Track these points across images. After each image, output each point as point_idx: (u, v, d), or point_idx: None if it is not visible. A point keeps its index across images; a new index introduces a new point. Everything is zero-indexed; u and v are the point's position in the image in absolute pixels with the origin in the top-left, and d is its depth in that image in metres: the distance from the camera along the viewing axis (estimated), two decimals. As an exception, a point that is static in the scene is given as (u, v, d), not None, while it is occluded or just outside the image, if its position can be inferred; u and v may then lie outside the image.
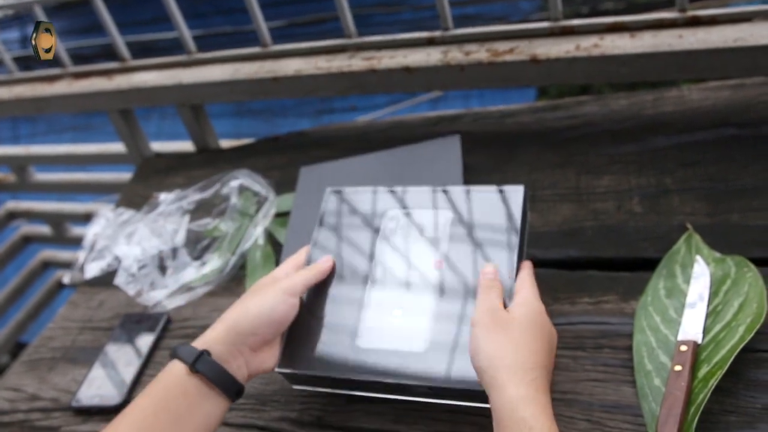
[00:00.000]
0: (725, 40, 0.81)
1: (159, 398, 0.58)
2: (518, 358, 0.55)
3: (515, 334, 0.57)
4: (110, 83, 1.21)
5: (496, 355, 0.55)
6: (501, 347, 0.56)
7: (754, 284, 0.66)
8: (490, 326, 0.58)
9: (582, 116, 0.98)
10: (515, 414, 0.51)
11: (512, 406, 0.52)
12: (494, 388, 0.54)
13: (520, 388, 0.52)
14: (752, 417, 0.59)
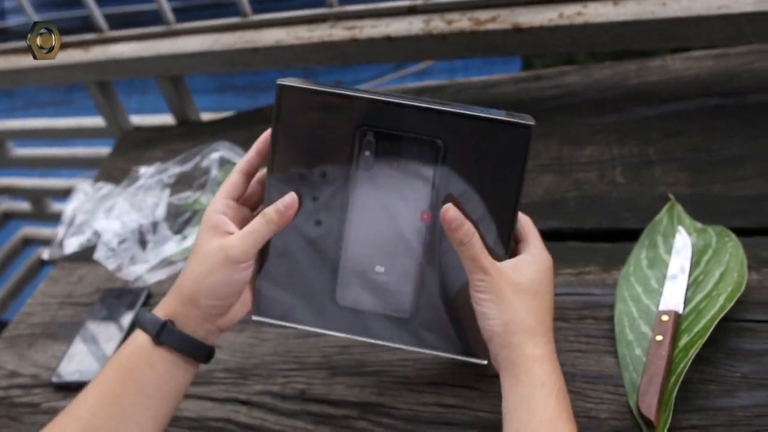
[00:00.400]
0: (709, 7, 0.80)
1: (124, 370, 0.57)
2: (532, 323, 0.54)
3: (527, 300, 0.55)
4: (87, 55, 1.19)
5: (511, 320, 0.54)
6: (515, 313, 0.54)
7: (734, 254, 0.66)
8: (498, 292, 0.54)
9: (565, 86, 0.97)
10: (530, 372, 0.53)
11: (527, 364, 0.53)
12: (509, 349, 0.54)
13: (536, 349, 0.53)
14: (732, 386, 0.59)
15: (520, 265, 0.57)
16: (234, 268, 0.57)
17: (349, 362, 0.72)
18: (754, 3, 0.78)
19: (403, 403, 0.66)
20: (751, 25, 0.79)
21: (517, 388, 0.53)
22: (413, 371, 0.69)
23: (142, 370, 0.57)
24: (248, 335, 0.79)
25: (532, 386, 0.52)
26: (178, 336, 0.58)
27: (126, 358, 0.57)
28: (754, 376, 0.59)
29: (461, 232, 0.55)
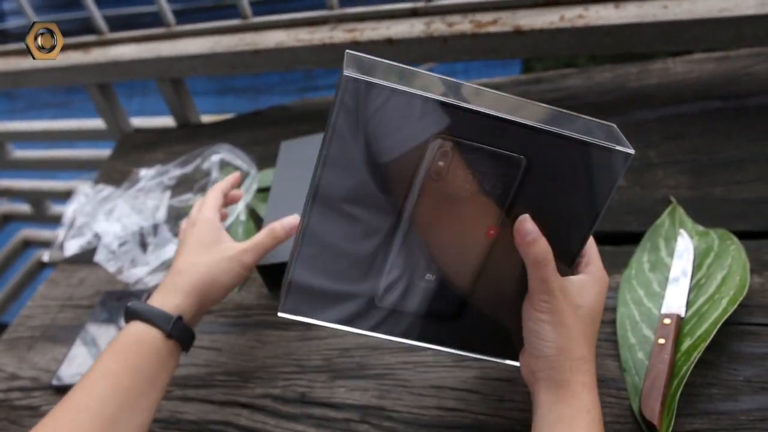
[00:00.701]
0: (710, 10, 0.80)
1: (130, 362, 0.59)
2: (583, 351, 0.52)
3: (586, 324, 0.53)
4: (87, 57, 1.19)
5: (566, 346, 0.52)
6: (569, 339, 0.52)
7: (737, 257, 0.65)
8: (558, 314, 0.52)
9: (565, 89, 0.97)
10: (577, 398, 0.51)
11: (575, 388, 0.51)
12: (557, 370, 0.52)
13: (584, 376, 0.52)
14: (735, 389, 0.59)
15: (583, 288, 0.54)
16: (245, 274, 0.66)
17: (350, 365, 0.72)
18: (756, 6, 0.78)
19: (404, 406, 0.66)
20: (751, 28, 0.79)
21: (560, 408, 0.51)
22: (414, 374, 0.69)
23: (149, 361, 0.60)
24: (249, 338, 0.79)
25: (577, 409, 0.51)
26: (185, 331, 0.63)
27: (130, 350, 0.60)
28: (757, 380, 0.59)
29: (536, 248, 0.51)
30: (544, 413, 0.52)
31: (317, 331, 0.77)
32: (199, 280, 0.64)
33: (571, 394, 0.51)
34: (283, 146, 0.98)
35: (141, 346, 0.60)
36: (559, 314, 0.52)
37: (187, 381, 0.76)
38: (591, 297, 0.54)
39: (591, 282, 0.54)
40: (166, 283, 0.65)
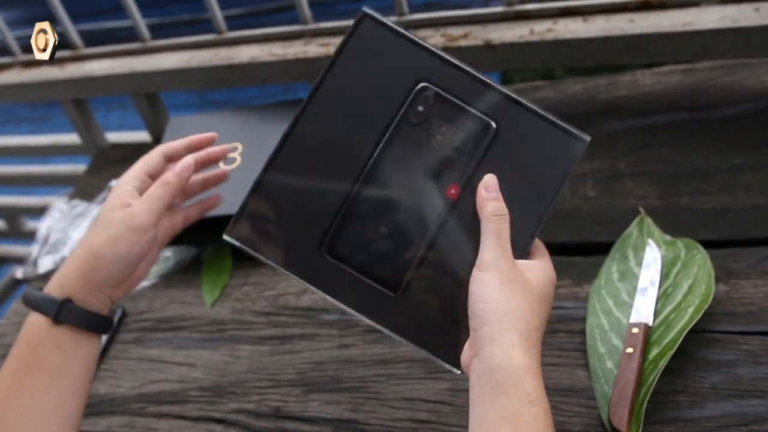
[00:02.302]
0: (674, 24, 0.81)
1: (29, 356, 0.55)
2: (529, 327, 0.49)
3: (532, 299, 0.50)
4: (62, 72, 1.18)
5: (511, 313, 0.48)
6: (517, 307, 0.49)
7: (702, 266, 0.67)
8: (507, 278, 0.50)
9: (537, 101, 0.98)
10: (520, 385, 0.46)
11: (518, 375, 0.47)
12: (498, 344, 0.48)
13: (526, 358, 0.47)
14: (701, 396, 0.60)
15: (532, 268, 0.53)
16: (137, 237, 0.57)
17: (324, 379, 0.72)
18: (717, 20, 0.80)
19: (377, 419, 0.67)
20: (714, 41, 0.81)
21: (503, 401, 0.46)
22: (387, 387, 0.69)
23: (47, 352, 0.55)
24: (222, 353, 0.79)
25: (520, 403, 0.46)
26: (78, 313, 0.56)
27: (28, 344, 0.56)
28: (723, 387, 0.60)
29: (497, 204, 0.52)
30: (485, 408, 0.47)
31: (291, 345, 0.77)
32: (82, 255, 0.57)
33: (513, 383, 0.46)
34: (172, 122, 1.01)
35: (33, 337, 0.56)
36: (506, 278, 0.50)
37: (160, 397, 0.76)
38: (540, 279, 0.52)
39: (541, 266, 0.53)
40: (61, 266, 0.59)
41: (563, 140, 0.54)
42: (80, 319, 0.56)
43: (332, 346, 0.75)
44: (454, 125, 0.55)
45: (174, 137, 0.98)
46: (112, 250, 0.57)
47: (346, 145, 0.55)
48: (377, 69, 0.55)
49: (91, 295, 0.57)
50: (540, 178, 0.54)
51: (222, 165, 0.89)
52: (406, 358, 0.71)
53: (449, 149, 0.55)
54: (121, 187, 0.60)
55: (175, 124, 1.02)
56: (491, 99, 0.55)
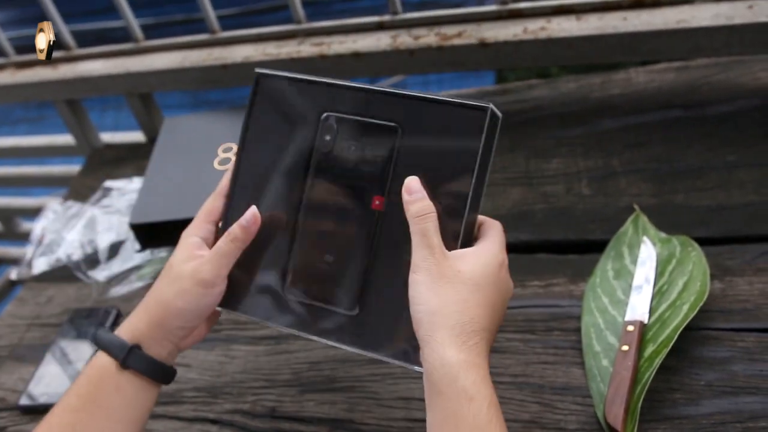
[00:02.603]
0: (667, 22, 0.81)
1: (90, 396, 0.56)
2: (463, 319, 0.48)
3: (464, 291, 0.49)
4: (55, 73, 1.18)
5: (439, 311, 0.48)
6: (445, 303, 0.48)
7: (697, 263, 0.67)
8: (435, 276, 0.49)
9: (531, 100, 0.98)
10: (455, 383, 0.46)
11: (452, 373, 0.46)
12: (430, 346, 0.47)
13: (460, 353, 0.46)
14: (696, 394, 0.60)
15: (466, 255, 0.51)
16: (205, 292, 0.57)
17: (320, 378, 0.72)
18: (711, 18, 0.80)
19: (373, 418, 0.66)
20: (708, 39, 0.81)
21: (440, 402, 0.46)
22: (383, 386, 0.69)
23: (108, 394, 0.56)
24: (218, 353, 0.78)
25: (458, 401, 0.45)
26: (144, 360, 0.57)
27: (90, 383, 0.56)
28: (718, 384, 0.60)
29: (420, 205, 0.52)
30: (430, 411, 0.47)
31: (286, 345, 0.77)
32: (153, 305, 0.58)
33: (447, 382, 0.46)
34: (166, 123, 1.01)
35: (99, 378, 0.57)
36: (434, 274, 0.49)
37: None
38: (475, 264, 0.51)
39: (477, 252, 0.52)
40: (133, 312, 0.60)
41: (464, 116, 0.53)
42: (146, 366, 0.57)
43: (328, 346, 0.75)
44: (361, 141, 0.56)
45: (169, 137, 0.99)
46: (182, 303, 0.57)
47: (280, 194, 0.59)
48: (285, 116, 0.59)
49: (159, 344, 0.58)
50: (456, 160, 0.53)
51: (217, 165, 0.89)
52: (401, 358, 0.71)
53: (364, 164, 0.56)
54: (187, 239, 0.60)
55: (170, 124, 1.02)
56: (388, 104, 0.56)
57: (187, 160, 0.93)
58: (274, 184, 0.59)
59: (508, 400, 0.64)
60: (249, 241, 0.58)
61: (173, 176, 0.91)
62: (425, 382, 0.48)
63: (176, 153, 0.96)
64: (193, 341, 0.61)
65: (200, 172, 0.89)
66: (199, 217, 0.61)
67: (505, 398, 0.64)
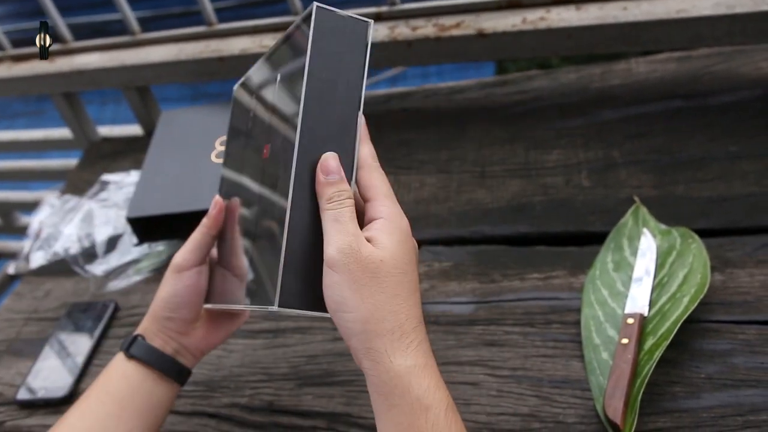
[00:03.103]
0: (668, 11, 0.81)
1: (102, 384, 0.59)
2: (399, 318, 0.43)
3: (390, 282, 0.43)
4: (51, 66, 1.17)
5: (372, 316, 0.42)
6: (376, 306, 0.42)
7: (698, 255, 0.66)
8: (357, 272, 0.43)
9: (531, 91, 0.98)
10: (408, 394, 0.42)
11: (402, 383, 0.42)
12: (371, 357, 0.42)
13: (407, 358, 0.42)
14: (696, 387, 0.59)
15: (379, 235, 0.45)
16: (177, 277, 0.60)
17: (317, 372, 0.71)
18: (712, 7, 0.79)
19: (371, 412, 0.65)
20: (709, 28, 0.80)
21: (394, 416, 0.42)
22: (381, 380, 0.68)
23: (116, 381, 0.59)
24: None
25: (413, 413, 0.41)
26: (146, 349, 0.60)
27: (105, 372, 0.60)
28: (718, 377, 0.60)
29: (334, 188, 0.45)
30: (382, 425, 0.43)
31: (284, 338, 0.76)
32: (153, 302, 0.63)
33: (400, 394, 0.42)
34: (164, 116, 1.01)
35: (111, 366, 0.61)
36: (356, 271, 0.43)
37: (153, 392, 0.75)
38: (392, 245, 0.44)
39: (387, 227, 0.45)
40: None
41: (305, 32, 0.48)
42: (146, 353, 0.60)
43: (325, 339, 0.75)
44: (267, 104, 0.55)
45: (166, 131, 0.98)
46: (163, 292, 0.61)
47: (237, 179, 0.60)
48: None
49: (160, 337, 0.61)
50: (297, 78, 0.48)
51: (214, 158, 0.89)
52: (400, 351, 0.71)
53: (259, 124, 0.56)
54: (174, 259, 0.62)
55: (167, 117, 1.01)
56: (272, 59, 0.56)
57: (185, 153, 0.92)
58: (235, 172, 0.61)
59: (506, 393, 0.64)
60: (216, 227, 0.60)
61: (170, 170, 0.91)
62: (373, 394, 0.44)
63: (173, 146, 0.95)
64: (201, 344, 0.63)
65: (197, 165, 0.89)
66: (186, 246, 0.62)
67: (504, 391, 0.64)
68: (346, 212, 0.44)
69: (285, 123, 0.49)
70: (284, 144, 0.48)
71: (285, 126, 0.49)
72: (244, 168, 0.58)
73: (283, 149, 0.48)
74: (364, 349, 0.43)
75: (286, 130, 0.49)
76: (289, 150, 0.47)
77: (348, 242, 0.43)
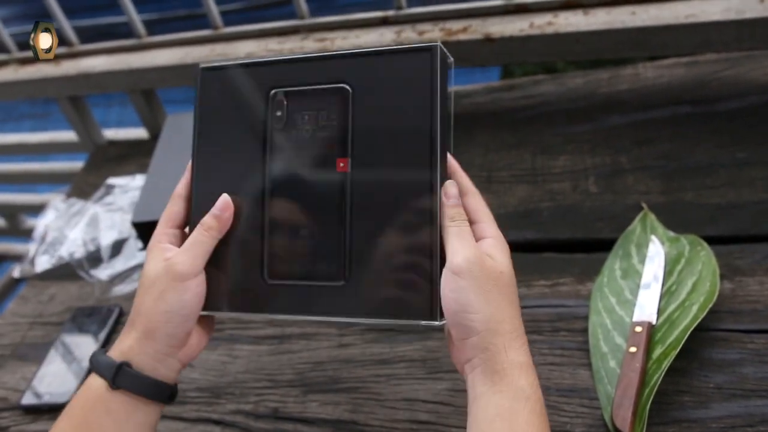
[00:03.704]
0: (677, 16, 0.80)
1: (80, 421, 0.52)
2: (514, 322, 0.49)
3: (508, 290, 0.50)
4: (57, 69, 1.17)
5: (494, 317, 0.48)
6: (499, 309, 0.48)
7: (707, 263, 0.65)
8: (482, 279, 0.48)
9: (538, 96, 0.97)
10: (515, 383, 0.47)
11: (513, 374, 0.48)
12: (491, 351, 0.48)
13: (519, 356, 0.48)
14: (706, 396, 0.59)
15: (494, 251, 0.51)
16: (184, 287, 0.53)
17: (323, 379, 0.71)
18: (721, 12, 0.79)
19: (377, 420, 0.66)
20: (718, 34, 0.79)
21: (497, 399, 0.47)
22: (386, 387, 0.68)
23: (97, 418, 0.52)
24: (221, 353, 0.78)
25: (515, 399, 0.47)
26: (135, 378, 0.53)
27: (81, 407, 0.53)
28: (728, 387, 0.59)
29: (457, 210, 0.51)
30: (481, 406, 0.48)
31: (289, 344, 0.76)
32: (138, 319, 0.54)
33: (507, 382, 0.48)
34: (169, 120, 1.01)
35: (87, 400, 0.53)
36: (482, 279, 0.49)
37: (158, 398, 0.75)
38: (504, 260, 0.51)
39: (497, 245, 0.51)
40: (121, 332, 0.56)
41: (412, 60, 0.52)
42: (137, 384, 0.53)
43: (331, 346, 0.74)
44: (314, 109, 0.55)
45: (171, 135, 0.98)
46: (165, 306, 0.53)
47: (242, 181, 0.57)
48: (234, 104, 0.58)
49: (154, 358, 0.54)
50: (414, 107, 0.52)
51: None
52: (405, 358, 0.70)
53: (321, 131, 0.55)
54: (153, 246, 0.56)
55: (173, 121, 1.01)
56: (333, 66, 0.55)
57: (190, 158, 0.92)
58: (234, 172, 0.57)
59: (513, 402, 0.63)
60: (224, 231, 0.55)
61: (176, 174, 0.90)
62: (478, 379, 0.49)
63: (179, 151, 0.95)
64: (194, 351, 0.57)
65: None
66: (160, 225, 0.58)
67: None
68: (467, 230, 0.51)
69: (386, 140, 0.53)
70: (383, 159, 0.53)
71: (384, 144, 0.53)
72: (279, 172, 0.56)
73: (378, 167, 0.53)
74: (484, 344, 0.48)
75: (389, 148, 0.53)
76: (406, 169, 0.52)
77: (474, 253, 0.49)
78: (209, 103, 0.59)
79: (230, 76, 0.58)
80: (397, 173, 0.52)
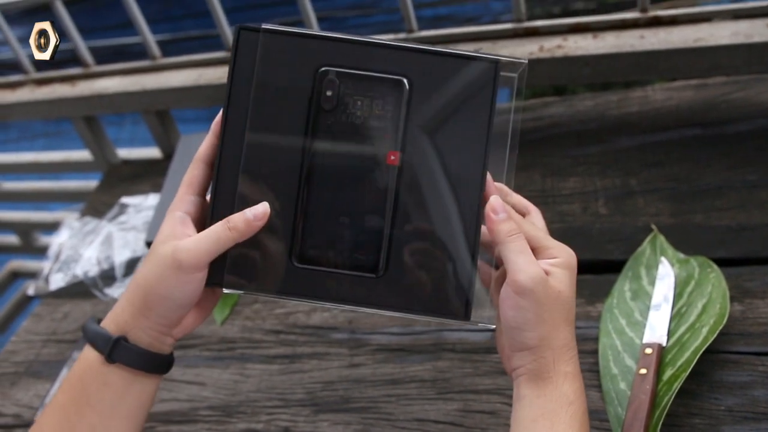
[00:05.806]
0: (685, 40, 0.81)
1: (77, 393, 0.52)
2: (567, 339, 0.51)
3: (564, 308, 0.51)
4: (73, 90, 1.19)
5: (548, 335, 0.50)
6: (553, 327, 0.50)
7: (717, 285, 0.66)
8: (543, 298, 0.50)
9: (548, 117, 0.98)
10: (560, 389, 0.50)
11: (559, 381, 0.50)
12: (541, 363, 0.50)
13: (567, 366, 0.51)
14: (716, 419, 0.59)
15: (557, 271, 0.52)
16: (185, 277, 0.51)
17: (334, 398, 0.71)
18: (730, 36, 0.79)
19: (388, 440, 0.66)
20: (727, 57, 0.80)
21: (541, 402, 0.50)
22: (397, 407, 0.68)
23: (96, 390, 0.52)
24: (233, 371, 0.78)
25: (558, 402, 0.50)
26: (132, 351, 0.52)
27: (78, 379, 0.53)
28: (739, 409, 0.59)
29: (509, 225, 0.51)
30: (525, 406, 0.51)
31: (300, 363, 0.76)
32: (135, 291, 0.53)
33: (553, 387, 0.50)
34: (182, 141, 1.01)
35: (86, 374, 0.52)
36: (543, 300, 0.50)
37: (170, 416, 0.76)
38: (567, 279, 0.52)
39: (562, 263, 0.52)
40: (118, 300, 0.55)
41: (475, 68, 0.53)
42: (134, 358, 0.52)
43: (342, 365, 0.75)
44: (369, 96, 0.54)
45: (185, 155, 0.99)
46: (163, 290, 0.52)
47: (280, 158, 0.54)
48: (275, 75, 0.54)
49: (148, 334, 0.53)
50: (472, 114, 0.53)
51: None
52: (416, 378, 0.71)
53: (374, 120, 0.54)
54: (170, 215, 0.54)
55: (186, 142, 1.02)
56: (395, 57, 0.53)
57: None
58: (270, 148, 0.54)
59: (524, 423, 0.63)
60: (246, 237, 0.52)
61: None
62: (524, 384, 0.51)
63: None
64: (188, 329, 0.56)
65: None
66: (181, 190, 0.55)
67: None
68: (526, 246, 0.51)
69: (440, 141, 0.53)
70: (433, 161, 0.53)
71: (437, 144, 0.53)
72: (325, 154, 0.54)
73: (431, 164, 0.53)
74: (536, 356, 0.50)
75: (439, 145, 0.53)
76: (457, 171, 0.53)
77: (538, 272, 0.50)
78: (245, 68, 0.54)
79: (275, 43, 0.54)
80: (445, 175, 0.53)
